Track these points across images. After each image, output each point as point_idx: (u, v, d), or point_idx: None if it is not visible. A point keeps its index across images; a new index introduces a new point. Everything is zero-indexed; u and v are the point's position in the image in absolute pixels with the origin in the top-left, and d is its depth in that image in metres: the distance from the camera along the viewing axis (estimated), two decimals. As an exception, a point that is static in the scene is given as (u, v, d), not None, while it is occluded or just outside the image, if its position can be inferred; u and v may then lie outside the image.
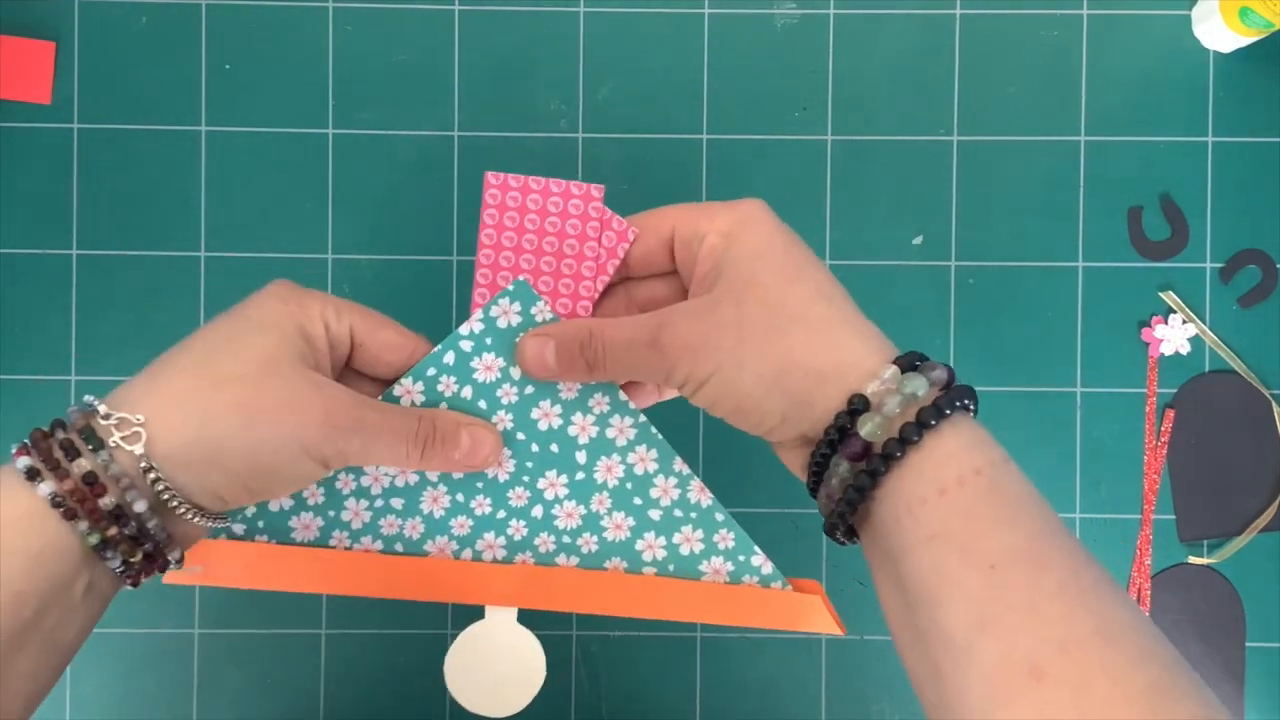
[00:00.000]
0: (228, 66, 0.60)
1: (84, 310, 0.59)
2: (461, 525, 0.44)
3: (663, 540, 0.44)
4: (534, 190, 0.43)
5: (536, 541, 0.44)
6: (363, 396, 0.40)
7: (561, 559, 0.44)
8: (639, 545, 0.44)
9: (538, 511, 0.43)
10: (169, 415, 0.36)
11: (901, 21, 0.60)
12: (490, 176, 0.42)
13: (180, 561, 0.38)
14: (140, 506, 0.36)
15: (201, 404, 0.37)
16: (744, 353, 0.37)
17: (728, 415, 0.39)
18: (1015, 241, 0.60)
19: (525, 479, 0.43)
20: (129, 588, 0.38)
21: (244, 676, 0.59)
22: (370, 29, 0.60)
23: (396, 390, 0.42)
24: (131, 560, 0.36)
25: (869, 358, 0.36)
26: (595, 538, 0.44)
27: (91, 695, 0.59)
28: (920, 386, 0.35)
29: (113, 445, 0.36)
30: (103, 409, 0.36)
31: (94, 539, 0.35)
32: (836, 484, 0.36)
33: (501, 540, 0.44)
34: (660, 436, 0.43)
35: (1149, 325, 0.60)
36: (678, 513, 0.44)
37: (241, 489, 0.38)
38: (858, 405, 0.35)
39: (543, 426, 0.43)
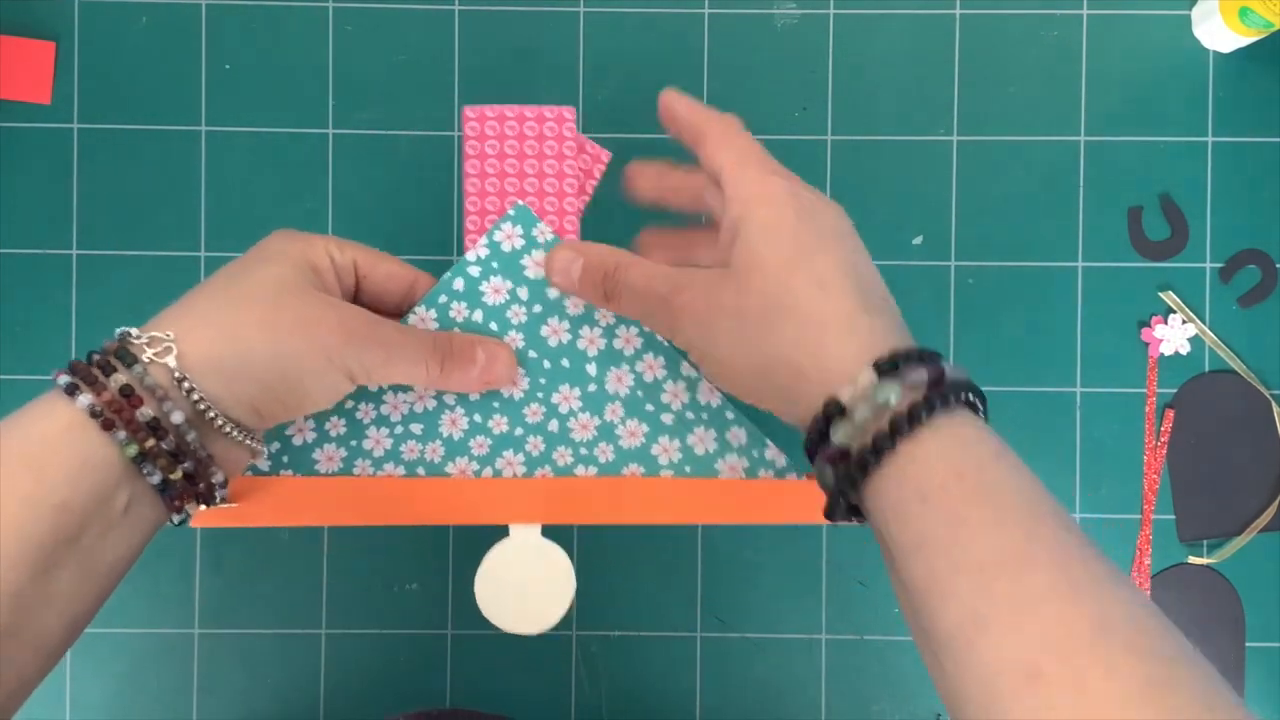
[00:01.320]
0: (228, 66, 0.60)
1: (84, 310, 0.59)
2: (480, 445, 0.45)
3: (677, 443, 0.45)
4: (509, 118, 0.45)
5: (554, 455, 0.45)
6: (379, 316, 0.41)
7: (580, 470, 0.45)
8: (654, 450, 0.45)
9: (553, 426, 0.45)
10: (198, 332, 0.38)
11: (901, 21, 0.60)
12: (468, 110, 0.45)
13: (224, 486, 0.39)
14: (177, 418, 0.37)
15: (227, 320, 0.38)
16: (739, 340, 0.38)
17: (727, 391, 0.40)
18: (1015, 241, 0.60)
19: (539, 395, 0.45)
20: (173, 521, 0.39)
21: (244, 676, 0.59)
22: (370, 29, 0.60)
23: (411, 319, 0.45)
24: (171, 477, 0.37)
25: (852, 358, 0.36)
26: (611, 446, 0.45)
27: (91, 695, 0.59)
28: (892, 393, 0.34)
29: (146, 360, 0.37)
30: (135, 331, 0.38)
31: (132, 450, 0.36)
32: (823, 482, 0.36)
33: (520, 457, 0.45)
34: (666, 343, 0.44)
35: (1149, 325, 0.60)
36: (689, 415, 0.45)
37: (274, 400, 0.39)
38: (833, 410, 0.35)
39: (552, 343, 0.45)
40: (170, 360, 0.37)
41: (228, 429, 0.38)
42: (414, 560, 0.60)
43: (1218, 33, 0.58)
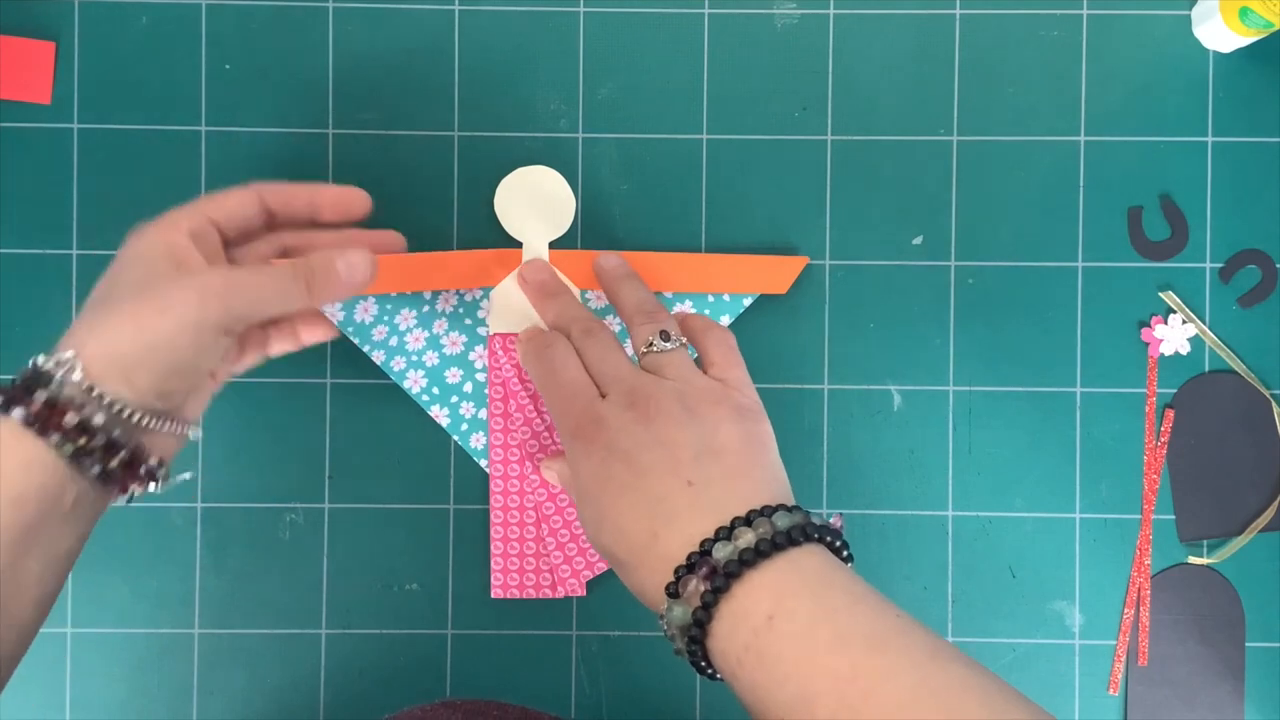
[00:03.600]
0: (228, 66, 0.60)
1: (84, 310, 0.59)
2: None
3: None
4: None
5: None
6: (237, 266, 0.49)
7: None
8: None
9: None
10: (91, 346, 0.44)
11: (901, 21, 0.60)
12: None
13: (162, 466, 0.46)
14: (99, 419, 0.43)
15: (110, 327, 0.44)
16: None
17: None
18: (1015, 241, 0.60)
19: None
20: (121, 500, 0.46)
21: (244, 676, 0.59)
22: (370, 29, 0.60)
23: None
24: (111, 467, 0.44)
25: (657, 593, 0.43)
26: None
27: (91, 695, 0.59)
28: (680, 617, 0.42)
29: (58, 379, 0.43)
30: (41, 359, 0.44)
31: (68, 449, 0.42)
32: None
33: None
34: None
35: (1149, 325, 0.60)
36: None
37: (175, 379, 0.45)
38: (661, 617, 0.43)
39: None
40: (76, 375, 0.43)
41: (145, 421, 0.44)
42: (414, 560, 0.60)
43: (1218, 33, 0.58)
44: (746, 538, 0.41)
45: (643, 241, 0.60)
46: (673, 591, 0.42)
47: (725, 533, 0.42)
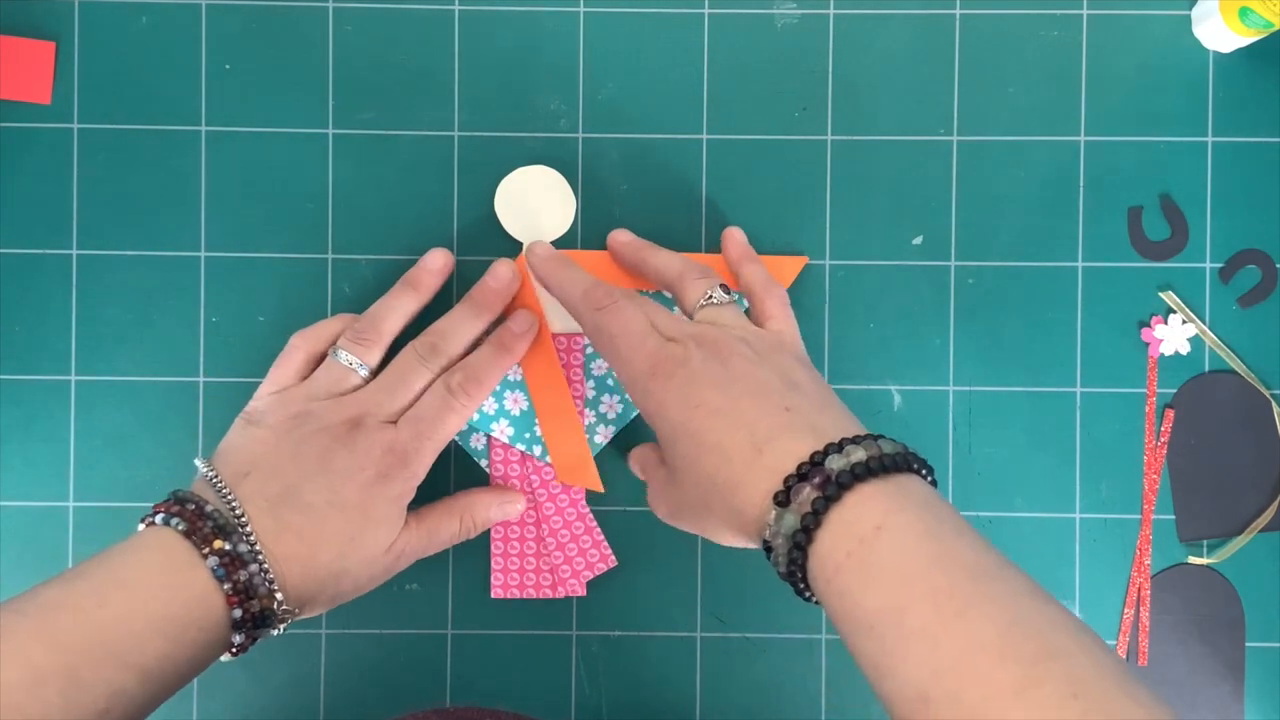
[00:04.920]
0: (228, 66, 0.60)
1: (84, 310, 0.59)
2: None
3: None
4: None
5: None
6: (423, 531, 0.54)
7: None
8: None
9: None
10: (292, 573, 0.49)
11: (901, 21, 0.60)
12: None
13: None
14: (266, 608, 0.48)
15: (315, 564, 0.49)
16: (695, 522, 0.50)
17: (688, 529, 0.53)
18: (1015, 241, 0.60)
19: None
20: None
21: (244, 676, 0.59)
22: (370, 29, 0.60)
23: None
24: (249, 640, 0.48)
25: (759, 502, 0.44)
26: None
27: (91, 695, 0.59)
28: (790, 524, 0.42)
29: (260, 586, 0.47)
30: (246, 552, 0.47)
31: (238, 635, 0.47)
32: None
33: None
34: None
35: (1149, 325, 0.60)
36: None
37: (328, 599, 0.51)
38: (768, 548, 0.44)
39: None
40: (279, 597, 0.48)
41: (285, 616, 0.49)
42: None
43: (1218, 33, 0.58)
44: (858, 454, 0.42)
45: (643, 241, 0.60)
46: (782, 500, 0.42)
47: (836, 448, 0.43)
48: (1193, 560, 0.60)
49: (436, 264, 0.56)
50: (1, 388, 0.59)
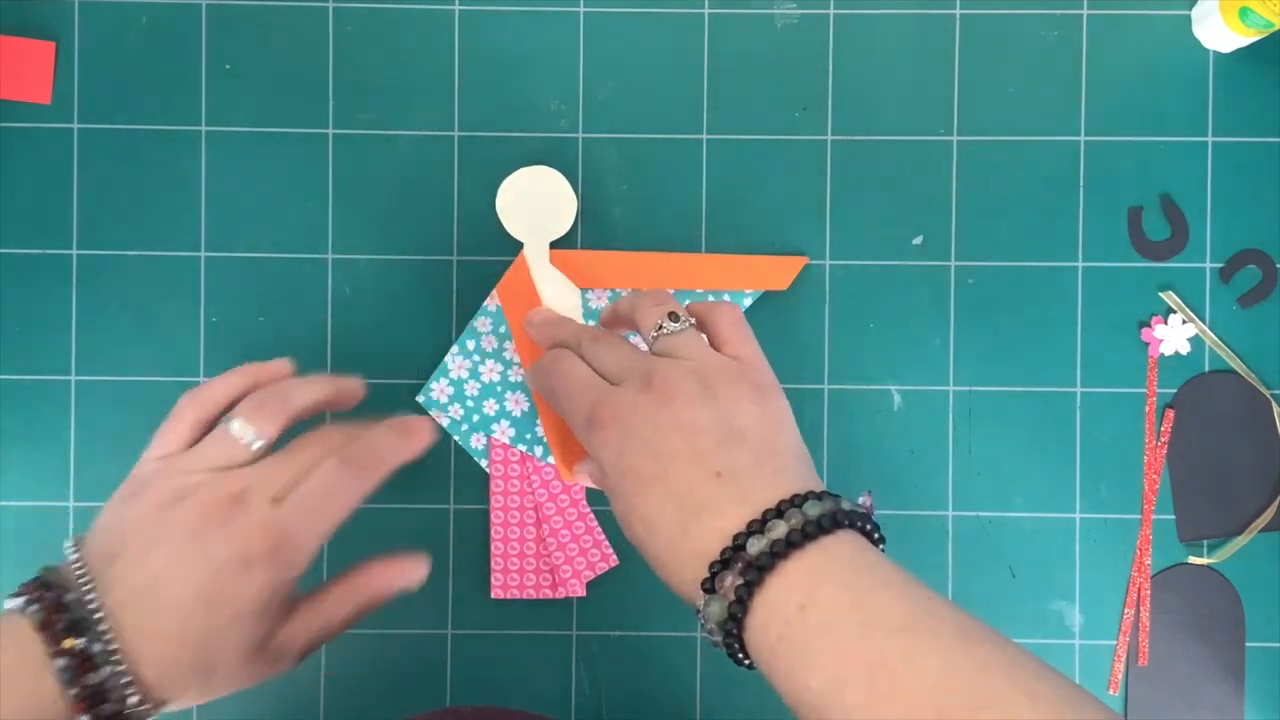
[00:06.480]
0: (228, 66, 0.60)
1: (84, 310, 0.59)
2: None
3: None
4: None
5: None
6: (303, 613, 0.48)
7: None
8: None
9: None
10: (147, 659, 0.44)
11: (901, 21, 0.60)
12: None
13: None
14: (116, 697, 0.43)
15: (167, 645, 0.44)
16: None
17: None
18: (1015, 241, 0.60)
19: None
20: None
21: (244, 676, 0.59)
22: (370, 29, 0.60)
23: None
24: None
25: (693, 589, 0.43)
26: None
27: (91, 695, 0.59)
28: (717, 612, 0.42)
29: (108, 679, 0.43)
30: (91, 641, 0.43)
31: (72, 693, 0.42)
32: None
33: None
34: None
35: (1149, 325, 0.60)
36: None
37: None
38: (698, 611, 0.43)
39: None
40: (133, 697, 0.43)
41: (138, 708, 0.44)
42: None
43: (1218, 33, 0.58)
44: (779, 529, 0.41)
45: (643, 241, 0.60)
46: (709, 588, 0.42)
47: (758, 525, 0.42)
48: (1193, 560, 0.60)
49: (355, 387, 0.52)
50: (1, 388, 0.59)
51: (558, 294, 0.58)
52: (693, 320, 0.49)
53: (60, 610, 0.43)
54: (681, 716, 0.60)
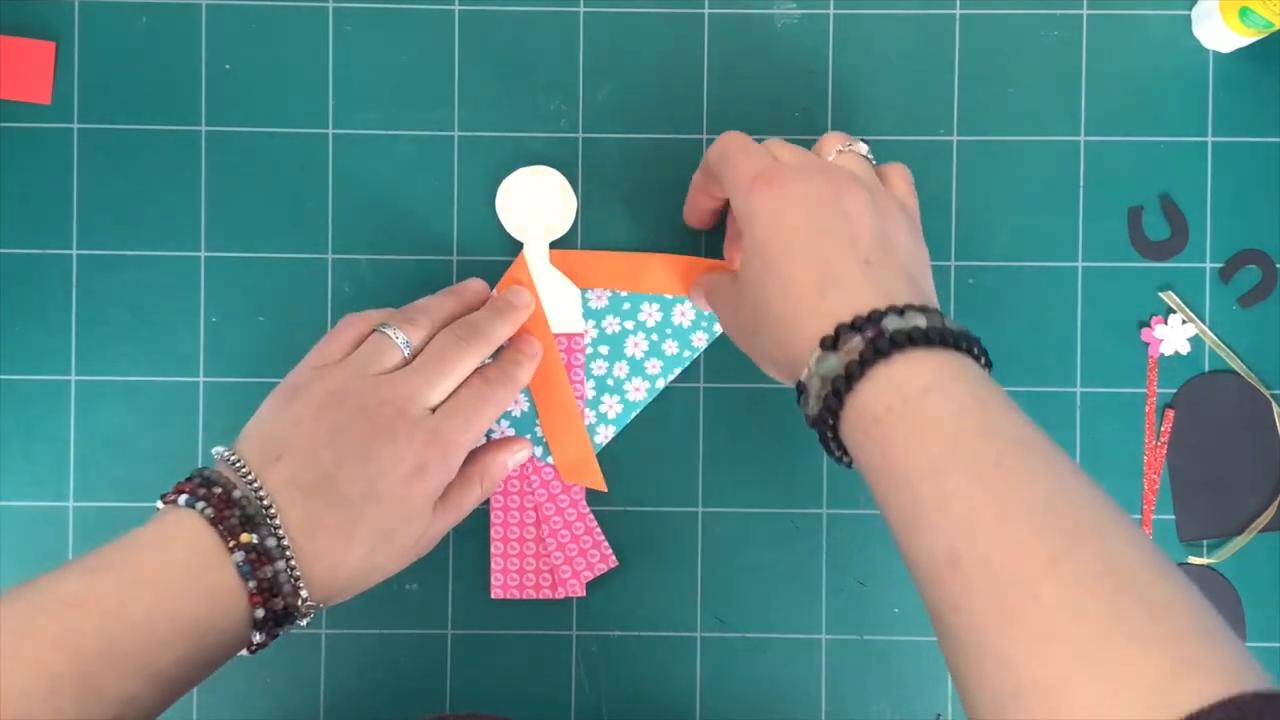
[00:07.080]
0: (228, 66, 0.60)
1: (84, 310, 0.59)
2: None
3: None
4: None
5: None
6: (440, 507, 0.51)
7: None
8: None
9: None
10: (317, 571, 0.47)
11: (901, 21, 0.60)
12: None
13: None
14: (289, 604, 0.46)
15: (343, 564, 0.47)
16: (743, 340, 0.50)
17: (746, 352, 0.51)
18: (1015, 241, 0.60)
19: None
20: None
21: (244, 676, 0.59)
22: (370, 29, 0.60)
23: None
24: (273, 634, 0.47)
25: (810, 339, 0.43)
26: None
27: (91, 695, 0.59)
28: (830, 367, 0.42)
29: (285, 584, 0.45)
30: (274, 547, 0.45)
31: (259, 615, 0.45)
32: (812, 425, 0.45)
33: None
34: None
35: (1149, 325, 0.60)
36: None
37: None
38: (801, 385, 0.44)
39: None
40: (303, 594, 0.45)
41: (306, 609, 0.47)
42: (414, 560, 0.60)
43: (1218, 33, 0.58)
44: (919, 319, 0.42)
45: (643, 242, 0.60)
46: (829, 344, 0.42)
47: (898, 311, 0.42)
48: (1193, 560, 0.60)
49: (479, 286, 0.57)
50: (1, 388, 0.59)
51: (557, 294, 0.58)
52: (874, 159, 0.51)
53: (231, 505, 0.44)
54: (681, 716, 0.60)
